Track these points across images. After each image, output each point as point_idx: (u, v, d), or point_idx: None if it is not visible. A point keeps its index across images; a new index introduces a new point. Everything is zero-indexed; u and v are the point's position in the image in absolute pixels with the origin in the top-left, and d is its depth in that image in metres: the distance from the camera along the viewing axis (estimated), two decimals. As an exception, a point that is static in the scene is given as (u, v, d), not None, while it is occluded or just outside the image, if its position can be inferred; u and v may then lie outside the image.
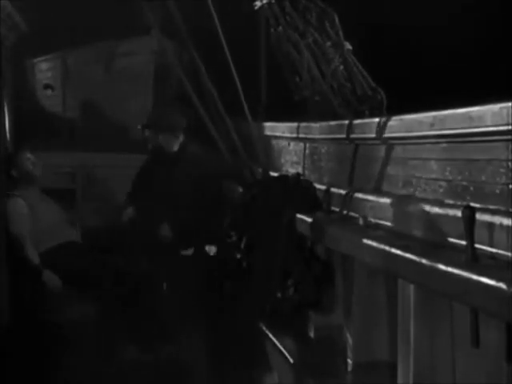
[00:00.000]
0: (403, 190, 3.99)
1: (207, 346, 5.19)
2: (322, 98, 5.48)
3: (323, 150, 5.38)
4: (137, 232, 6.11)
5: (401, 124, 4.06)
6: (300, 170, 5.58)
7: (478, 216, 2.90)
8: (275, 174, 5.62)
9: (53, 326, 5.82)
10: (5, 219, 5.84)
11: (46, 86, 10.50)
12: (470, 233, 2.86)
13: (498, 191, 3.10)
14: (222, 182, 5.93)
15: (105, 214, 7.66)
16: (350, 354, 4.34)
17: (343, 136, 4.85)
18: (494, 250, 2.92)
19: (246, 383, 4.85)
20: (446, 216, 3.27)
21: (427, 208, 3.49)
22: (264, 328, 5.14)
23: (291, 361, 4.84)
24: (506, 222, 2.86)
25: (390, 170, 4.29)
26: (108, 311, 5.66)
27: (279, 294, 4.91)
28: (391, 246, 3.36)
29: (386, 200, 3.96)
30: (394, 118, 4.20)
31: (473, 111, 3.25)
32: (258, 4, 5.92)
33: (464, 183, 3.37)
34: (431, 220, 3.42)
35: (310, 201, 4.88)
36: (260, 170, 5.87)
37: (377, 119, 4.51)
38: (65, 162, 7.87)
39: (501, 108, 3.03)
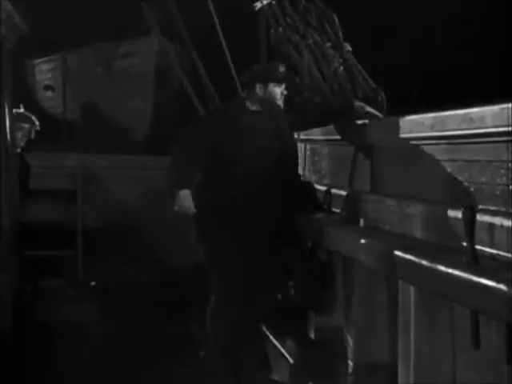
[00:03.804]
0: (404, 191, 3.99)
1: None
2: (323, 99, 5.48)
3: (324, 151, 5.39)
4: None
5: (401, 125, 4.06)
6: (300, 170, 5.57)
7: (479, 217, 2.90)
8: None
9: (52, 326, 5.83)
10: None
11: (47, 88, 10.52)
12: (470, 234, 2.86)
13: (498, 192, 3.10)
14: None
15: (105, 214, 7.69)
16: (350, 355, 4.34)
17: (344, 137, 4.86)
18: (494, 251, 2.92)
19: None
20: (447, 217, 3.27)
21: (428, 209, 3.49)
22: (265, 329, 5.14)
23: (291, 361, 4.84)
24: (506, 223, 2.86)
25: (391, 171, 4.29)
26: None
27: (280, 295, 4.92)
28: (391, 247, 3.36)
29: (387, 201, 3.96)
30: (395, 119, 4.20)
31: (473, 112, 3.25)
32: (259, 5, 5.92)
33: (464, 184, 3.37)
34: (432, 221, 3.43)
35: (310, 202, 4.89)
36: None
37: (378, 120, 4.51)
38: (65, 163, 7.88)
39: (501, 109, 3.03)
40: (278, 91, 4.80)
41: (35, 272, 6.81)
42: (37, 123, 6.58)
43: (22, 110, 6.67)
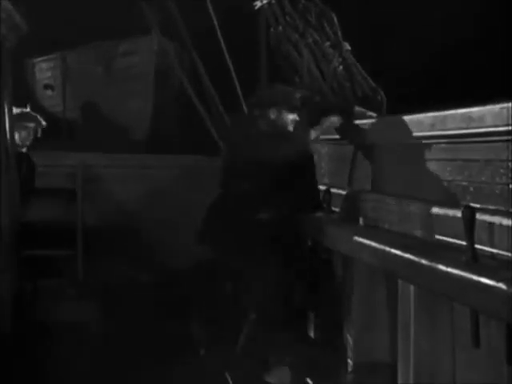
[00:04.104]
0: (403, 190, 3.99)
1: None
2: (322, 98, 5.48)
3: (323, 151, 5.39)
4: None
5: (401, 124, 4.05)
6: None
7: (478, 216, 2.90)
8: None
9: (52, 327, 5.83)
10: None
11: (46, 87, 10.51)
12: (470, 233, 2.86)
13: (497, 191, 3.10)
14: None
15: (105, 213, 7.68)
16: (350, 354, 4.34)
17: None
18: (494, 250, 2.92)
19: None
20: (446, 216, 3.27)
21: (427, 208, 3.49)
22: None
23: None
24: (505, 222, 2.86)
25: (391, 170, 4.29)
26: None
27: (280, 295, 4.91)
28: (391, 246, 3.36)
29: (386, 200, 3.96)
30: (394, 118, 4.20)
31: (473, 112, 3.25)
32: (258, 4, 5.92)
33: (464, 183, 3.37)
34: (431, 220, 3.42)
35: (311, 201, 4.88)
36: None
37: (377, 120, 4.51)
38: (65, 162, 7.87)
39: (501, 108, 3.03)
40: (291, 118, 4.81)
41: (35, 272, 6.80)
42: (43, 122, 6.58)
43: (27, 109, 6.67)
